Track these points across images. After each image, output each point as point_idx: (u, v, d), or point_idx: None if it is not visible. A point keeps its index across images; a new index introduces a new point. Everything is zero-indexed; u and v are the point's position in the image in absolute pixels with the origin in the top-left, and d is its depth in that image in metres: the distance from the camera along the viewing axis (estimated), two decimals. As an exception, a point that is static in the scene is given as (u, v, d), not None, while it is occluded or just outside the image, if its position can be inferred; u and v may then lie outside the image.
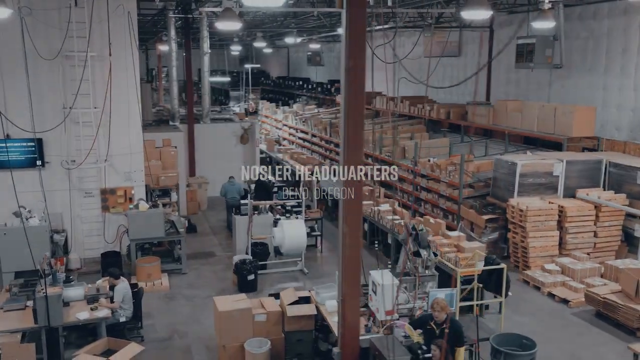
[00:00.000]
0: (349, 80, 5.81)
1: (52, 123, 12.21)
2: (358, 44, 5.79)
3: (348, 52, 5.77)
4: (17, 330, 8.49)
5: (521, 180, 13.31)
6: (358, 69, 5.83)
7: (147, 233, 12.15)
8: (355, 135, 5.93)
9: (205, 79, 18.75)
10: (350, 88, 5.85)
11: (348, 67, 5.79)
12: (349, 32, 5.74)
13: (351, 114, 5.89)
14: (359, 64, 5.83)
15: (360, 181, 6.08)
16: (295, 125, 26.24)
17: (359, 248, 6.24)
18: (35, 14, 11.55)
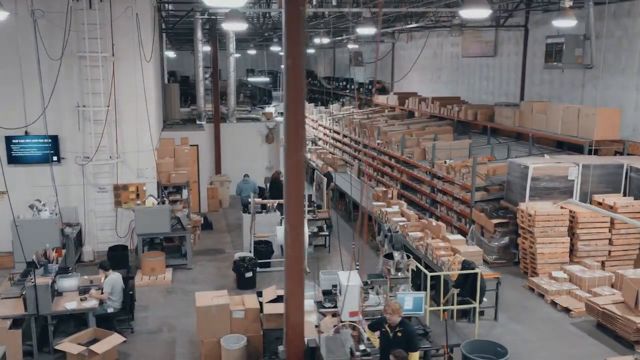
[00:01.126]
0: (288, 79, 5.82)
1: (67, 121, 12.77)
2: (296, 43, 5.80)
3: (286, 51, 5.79)
4: (8, 317, 8.94)
5: (533, 184, 12.90)
6: (297, 68, 5.84)
7: (153, 228, 12.50)
8: (295, 135, 5.94)
9: (231, 80, 19.09)
10: (290, 87, 5.86)
11: (287, 66, 5.80)
12: (286, 32, 5.75)
13: (291, 113, 5.90)
14: (298, 63, 5.83)
15: (301, 180, 6.09)
16: (329, 125, 26.29)
17: (302, 247, 6.25)
18: (51, 16, 12.09)
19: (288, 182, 6.06)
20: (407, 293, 7.83)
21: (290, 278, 6.25)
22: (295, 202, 6.09)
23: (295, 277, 6.24)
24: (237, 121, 19.71)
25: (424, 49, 28.55)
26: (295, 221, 6.12)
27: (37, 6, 11.83)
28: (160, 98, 16.98)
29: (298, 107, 5.91)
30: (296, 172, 6.03)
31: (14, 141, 12.62)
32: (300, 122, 5.94)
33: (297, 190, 6.07)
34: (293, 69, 5.81)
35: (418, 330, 7.83)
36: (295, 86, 5.85)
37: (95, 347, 8.62)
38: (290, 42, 5.77)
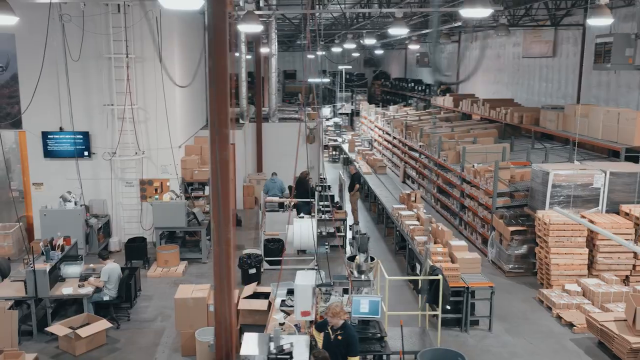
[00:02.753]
0: (211, 78, 5.96)
1: (97, 118, 13.59)
2: (219, 44, 5.92)
3: (209, 52, 5.92)
4: (10, 298, 9.70)
5: (555, 191, 12.28)
6: (219, 69, 5.96)
7: (169, 222, 13.05)
8: (221, 136, 6.06)
9: (273, 80, 19.44)
10: (213, 87, 5.99)
11: (209, 67, 5.94)
12: (209, 31, 5.89)
13: (215, 113, 6.03)
14: (221, 64, 5.95)
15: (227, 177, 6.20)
16: (381, 126, 26.14)
17: (229, 244, 6.35)
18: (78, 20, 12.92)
19: (213, 180, 6.19)
20: (363, 296, 7.74)
21: (217, 274, 6.37)
22: (221, 200, 6.21)
23: (222, 274, 6.34)
24: (279, 121, 20.02)
25: (488, 50, 27.78)
26: (221, 219, 6.24)
27: (68, 11, 12.68)
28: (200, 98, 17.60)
29: (222, 107, 6.02)
30: (222, 170, 6.14)
31: (49, 136, 13.58)
32: (224, 121, 6.05)
33: (223, 188, 6.19)
34: (216, 69, 5.92)
35: (374, 334, 7.73)
36: (218, 86, 5.97)
37: (81, 330, 9.17)
38: (212, 42, 5.90)
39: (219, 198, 6.21)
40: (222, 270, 6.33)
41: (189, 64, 15.33)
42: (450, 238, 11.49)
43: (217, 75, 5.97)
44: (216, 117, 6.02)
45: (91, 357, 9.22)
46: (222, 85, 5.98)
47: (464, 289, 9.96)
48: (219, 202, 6.21)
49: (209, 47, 5.96)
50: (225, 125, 6.04)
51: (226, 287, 6.35)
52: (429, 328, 10.12)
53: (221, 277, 6.35)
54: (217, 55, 5.92)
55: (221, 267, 6.35)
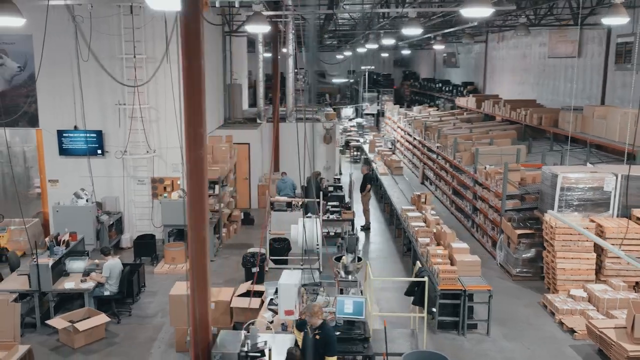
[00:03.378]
0: (185, 81, 6.06)
1: (110, 117, 13.89)
2: (192, 44, 6.02)
3: (183, 52, 6.03)
4: (14, 291, 10.01)
5: (564, 195, 12.02)
6: (193, 70, 6.05)
7: (177, 220, 13.23)
8: (196, 135, 6.17)
9: (290, 81, 19.51)
10: (187, 87, 6.10)
11: (184, 67, 6.04)
12: (182, 32, 5.99)
13: (189, 112, 6.13)
14: (195, 65, 6.05)
15: (201, 177, 6.30)
16: (403, 127, 25.98)
17: (204, 242, 6.45)
18: (96, 21, 13.24)
19: (189, 179, 6.30)
20: (347, 296, 7.74)
21: (193, 273, 6.49)
22: (196, 199, 6.31)
23: (197, 272, 6.46)
24: (296, 121, 20.06)
25: (514, 50, 27.32)
26: (195, 218, 6.34)
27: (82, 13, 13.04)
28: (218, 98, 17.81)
29: (197, 107, 6.12)
30: (196, 169, 6.25)
31: (64, 135, 13.94)
32: (199, 121, 6.15)
33: (198, 187, 6.29)
34: (190, 70, 6.03)
35: (358, 335, 7.72)
36: (192, 85, 6.06)
37: (79, 324, 9.40)
38: (187, 43, 6.00)
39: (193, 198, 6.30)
40: (197, 269, 6.44)
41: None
42: (453, 240, 11.35)
43: (192, 75, 6.06)
44: (191, 117, 6.12)
45: (89, 351, 9.45)
46: (197, 86, 6.08)
47: (461, 292, 9.84)
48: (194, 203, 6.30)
49: (184, 47, 6.07)
50: (200, 125, 6.14)
51: (201, 285, 6.45)
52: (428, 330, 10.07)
53: (196, 275, 6.45)
54: (191, 56, 6.02)
55: (196, 265, 6.45)
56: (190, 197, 6.36)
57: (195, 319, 6.49)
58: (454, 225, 16.70)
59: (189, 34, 5.97)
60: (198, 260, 6.42)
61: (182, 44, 6.00)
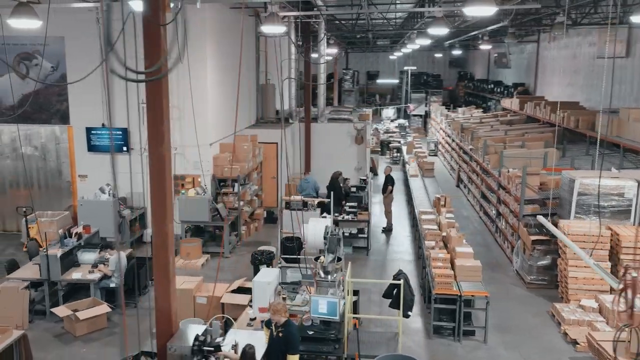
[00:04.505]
0: (149, 83, 6.23)
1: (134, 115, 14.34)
2: (153, 44, 6.18)
3: (145, 53, 6.21)
4: (26, 279, 10.54)
5: (582, 200, 11.56)
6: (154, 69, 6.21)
7: (193, 216, 13.58)
8: (157, 133, 6.33)
9: (321, 81, 19.58)
10: (150, 88, 6.27)
11: (145, 67, 6.21)
12: (144, 33, 6.17)
13: (151, 110, 6.31)
14: (155, 64, 6.20)
15: (164, 172, 6.45)
16: (445, 128, 25.55)
17: (167, 236, 6.60)
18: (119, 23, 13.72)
19: (151, 175, 6.48)
20: (322, 297, 7.72)
21: (156, 266, 6.66)
22: (159, 195, 6.48)
23: (161, 266, 6.62)
24: (328, 121, 20.12)
25: (564, 50, 26.34)
26: (159, 213, 6.51)
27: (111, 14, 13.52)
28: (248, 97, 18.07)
29: (157, 105, 6.28)
30: (159, 166, 6.41)
31: (92, 132, 14.55)
32: (160, 119, 6.31)
33: (160, 183, 6.45)
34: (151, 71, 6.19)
35: (331, 336, 7.70)
36: (153, 85, 6.23)
37: (80, 313, 9.81)
38: (148, 43, 6.18)
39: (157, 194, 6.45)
40: (161, 262, 6.60)
41: (227, 63, 15.81)
42: (460, 244, 11.10)
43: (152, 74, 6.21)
44: (152, 115, 6.28)
45: (89, 339, 9.84)
46: (157, 85, 6.23)
47: (457, 297, 9.61)
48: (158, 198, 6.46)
49: (145, 48, 6.23)
50: (161, 123, 6.28)
51: (166, 278, 6.61)
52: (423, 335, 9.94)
53: (160, 268, 6.61)
54: (151, 56, 6.18)
55: (159, 260, 6.61)
56: (153, 192, 6.54)
57: (160, 310, 6.65)
58: (481, 230, 16.35)
59: (150, 34, 6.14)
60: (160, 254, 6.58)
61: (144, 44, 6.17)
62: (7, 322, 9.56)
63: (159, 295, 6.66)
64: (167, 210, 6.51)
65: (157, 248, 6.57)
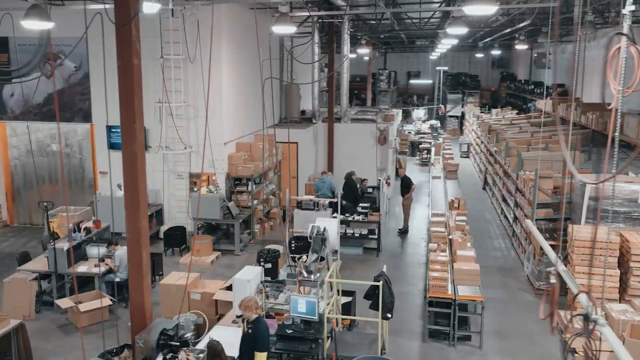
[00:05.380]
0: (120, 80, 6.39)
1: (152, 114, 14.72)
2: (124, 44, 6.33)
3: (117, 52, 6.36)
4: (36, 271, 10.94)
5: (593, 205, 11.15)
6: (126, 68, 6.37)
7: (205, 214, 13.78)
8: (129, 131, 6.48)
9: (344, 81, 19.53)
10: (122, 87, 6.43)
11: (118, 66, 6.38)
12: (117, 32, 6.33)
13: (124, 112, 6.46)
14: (127, 63, 6.36)
15: (136, 170, 6.59)
16: (476, 129, 25.10)
17: (141, 232, 6.74)
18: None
19: (125, 172, 6.63)
20: (301, 296, 7.72)
21: (130, 262, 6.81)
22: (132, 192, 6.63)
23: (135, 262, 6.77)
24: (351, 121, 20.06)
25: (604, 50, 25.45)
26: (132, 210, 6.66)
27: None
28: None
29: (129, 103, 6.43)
30: (131, 163, 6.56)
31: (112, 130, 14.97)
32: (132, 117, 6.45)
33: (133, 179, 6.60)
34: (123, 68, 6.35)
35: (309, 335, 7.69)
36: (126, 84, 6.38)
37: (81, 305, 10.11)
38: (120, 42, 6.33)
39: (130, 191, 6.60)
40: (135, 258, 6.75)
41: (247, 63, 15.98)
42: (462, 247, 10.91)
43: (124, 73, 6.38)
44: (125, 114, 6.43)
45: (89, 331, 10.11)
46: (129, 83, 6.38)
47: (452, 301, 9.45)
48: (131, 195, 6.61)
49: (118, 47, 6.39)
50: (133, 121, 6.43)
51: (139, 274, 6.76)
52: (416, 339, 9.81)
53: (134, 264, 6.77)
54: (123, 55, 6.33)
55: (134, 254, 6.76)
56: (126, 189, 6.68)
57: (134, 304, 6.81)
58: (500, 234, 16.02)
59: (122, 35, 6.29)
60: (134, 250, 6.73)
61: (117, 44, 6.32)
62: (15, 312, 10.00)
63: (133, 290, 6.81)
64: (140, 207, 6.64)
65: (131, 244, 6.72)
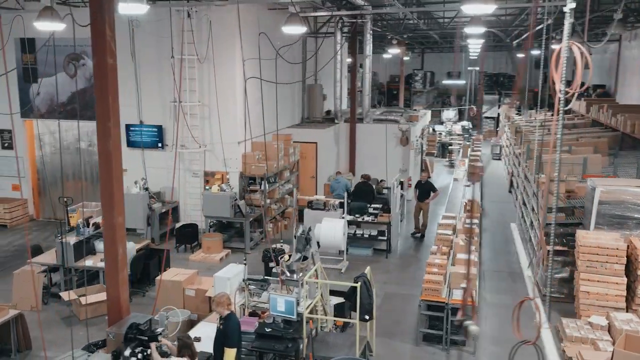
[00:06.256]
0: (95, 79, 6.56)
1: (169, 113, 15.02)
2: (100, 44, 6.49)
3: (93, 51, 6.53)
4: (45, 264, 11.33)
5: (603, 210, 10.78)
6: (101, 68, 6.52)
7: (217, 212, 13.98)
8: (104, 129, 6.64)
9: (366, 81, 19.45)
10: (97, 85, 6.59)
11: (94, 64, 6.54)
12: (92, 31, 6.49)
13: (99, 110, 6.61)
14: (102, 63, 6.51)
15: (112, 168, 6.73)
16: (507, 131, 24.56)
17: (116, 228, 6.89)
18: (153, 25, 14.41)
19: (100, 170, 6.79)
20: (280, 295, 7.74)
21: (106, 257, 6.98)
22: (107, 189, 6.78)
23: (111, 258, 6.93)
24: (373, 122, 19.95)
25: (644, 49, 24.55)
26: (108, 207, 6.82)
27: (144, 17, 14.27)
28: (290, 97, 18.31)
29: (104, 102, 6.58)
30: (106, 161, 6.71)
31: (131, 128, 15.34)
32: (106, 115, 6.60)
33: (108, 176, 6.75)
34: (98, 67, 6.51)
35: (287, 334, 7.70)
36: (101, 83, 6.54)
37: (82, 298, 10.40)
38: (95, 42, 6.50)
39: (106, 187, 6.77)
40: (111, 254, 6.92)
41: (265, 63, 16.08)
42: (463, 251, 10.70)
43: (99, 73, 6.54)
44: (100, 111, 6.60)
45: (91, 323, 10.33)
46: (104, 82, 6.54)
47: (444, 305, 9.29)
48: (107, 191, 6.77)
49: (93, 45, 6.56)
50: (107, 119, 6.59)
51: (115, 269, 6.93)
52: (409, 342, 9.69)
53: (111, 259, 6.93)
54: (98, 56, 6.50)
55: (110, 250, 6.93)
56: (102, 186, 6.84)
57: (110, 299, 6.97)
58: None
59: (97, 34, 6.45)
60: (110, 246, 6.89)
61: (92, 44, 6.49)
62: (23, 303, 10.40)
63: (109, 284, 6.97)
64: (115, 203, 6.79)
65: (107, 240, 6.88)
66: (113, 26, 6.54)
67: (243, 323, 8.05)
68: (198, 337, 7.98)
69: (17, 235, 15.63)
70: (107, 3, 6.41)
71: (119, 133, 6.84)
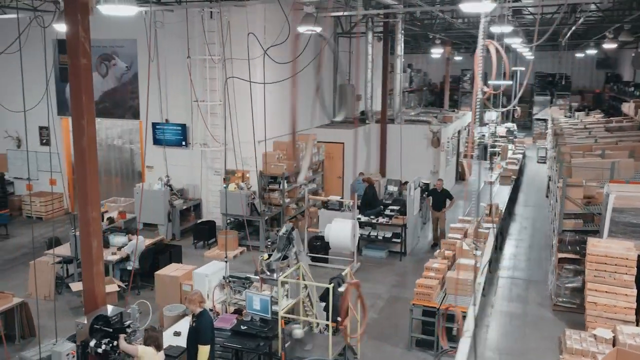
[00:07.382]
0: (70, 78, 6.79)
1: (193, 113, 15.34)
2: (74, 44, 6.70)
3: (68, 52, 6.76)
4: (60, 255, 11.81)
5: (617, 217, 10.26)
6: (75, 67, 6.74)
7: (233, 210, 14.14)
8: (78, 127, 6.85)
9: (397, 81, 19.22)
10: (72, 85, 6.81)
11: (69, 64, 6.77)
12: (68, 30, 6.71)
13: (74, 112, 6.83)
14: (76, 63, 6.72)
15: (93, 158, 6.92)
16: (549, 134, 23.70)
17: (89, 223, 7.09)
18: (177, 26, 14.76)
19: (76, 166, 7.02)
20: (256, 293, 7.77)
21: (82, 251, 7.19)
22: (82, 184, 7.00)
23: (86, 251, 7.14)
24: (404, 123, 19.68)
25: None
26: (83, 202, 7.03)
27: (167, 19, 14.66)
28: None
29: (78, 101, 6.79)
30: (81, 158, 6.92)
31: (157, 127, 15.77)
32: (81, 114, 6.80)
33: (83, 173, 6.97)
34: (73, 67, 6.74)
35: (262, 333, 7.73)
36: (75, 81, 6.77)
37: (90, 290, 10.77)
38: (70, 43, 6.73)
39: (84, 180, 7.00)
40: (86, 248, 7.14)
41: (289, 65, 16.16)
42: (465, 256, 10.41)
43: (74, 72, 6.77)
44: (74, 110, 6.84)
45: (96, 314, 10.77)
46: (78, 82, 6.76)
47: (436, 310, 9.08)
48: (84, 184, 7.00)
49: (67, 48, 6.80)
50: (82, 117, 6.82)
51: (89, 262, 7.15)
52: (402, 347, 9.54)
53: (86, 253, 7.17)
54: (72, 56, 6.73)
55: (85, 243, 7.16)
56: (78, 181, 7.06)
57: (87, 294, 7.19)
58: (544, 245, 15.08)
59: (72, 35, 6.67)
60: (85, 240, 7.10)
61: (67, 45, 6.72)
62: (37, 292, 10.88)
63: (85, 277, 7.19)
64: (90, 199, 6.98)
65: (83, 234, 7.09)
66: (87, 27, 6.74)
67: (221, 320, 8.16)
68: (178, 332, 8.12)
69: (50, 227, 16.35)
70: (81, 6, 6.62)
71: (94, 130, 7.01)
